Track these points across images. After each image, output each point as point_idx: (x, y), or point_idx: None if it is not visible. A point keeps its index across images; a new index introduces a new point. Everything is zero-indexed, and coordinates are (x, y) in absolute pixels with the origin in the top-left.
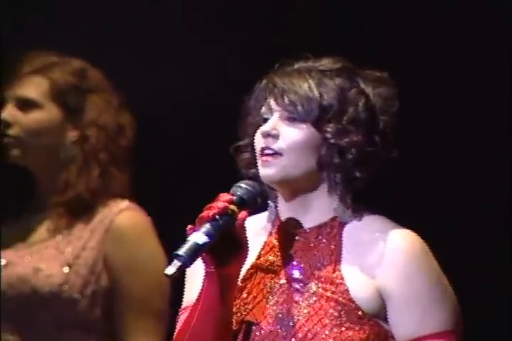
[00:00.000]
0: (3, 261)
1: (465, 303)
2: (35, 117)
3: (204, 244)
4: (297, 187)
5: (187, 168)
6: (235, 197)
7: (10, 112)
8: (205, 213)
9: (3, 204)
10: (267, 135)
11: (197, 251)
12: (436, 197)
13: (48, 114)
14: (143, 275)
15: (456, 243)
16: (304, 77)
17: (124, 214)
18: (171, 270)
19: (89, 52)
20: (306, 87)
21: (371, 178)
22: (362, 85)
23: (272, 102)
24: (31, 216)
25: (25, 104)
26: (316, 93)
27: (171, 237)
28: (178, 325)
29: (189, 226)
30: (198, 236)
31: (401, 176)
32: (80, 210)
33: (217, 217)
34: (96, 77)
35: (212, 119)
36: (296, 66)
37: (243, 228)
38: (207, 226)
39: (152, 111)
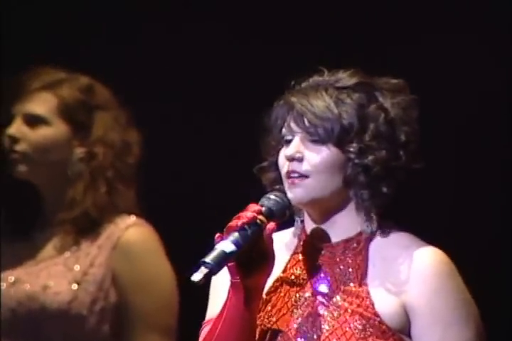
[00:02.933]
0: (12, 279)
1: (488, 321)
2: (42, 133)
3: (231, 252)
4: (325, 207)
5: (195, 183)
6: (263, 208)
7: (18, 128)
8: (233, 222)
9: (11, 221)
10: (291, 159)
11: (224, 259)
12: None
13: (55, 130)
14: (151, 292)
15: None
16: (322, 97)
17: (131, 230)
18: (197, 277)
19: None
20: (325, 107)
21: (398, 191)
22: (380, 99)
23: (293, 124)
24: (38, 233)
25: (33, 120)
26: (336, 113)
27: (178, 253)
28: (201, 337)
29: (217, 235)
30: (226, 245)
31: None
32: (87, 227)
33: (245, 226)
34: (104, 94)
35: None
36: (311, 82)
37: (271, 239)
38: (235, 235)
39: None
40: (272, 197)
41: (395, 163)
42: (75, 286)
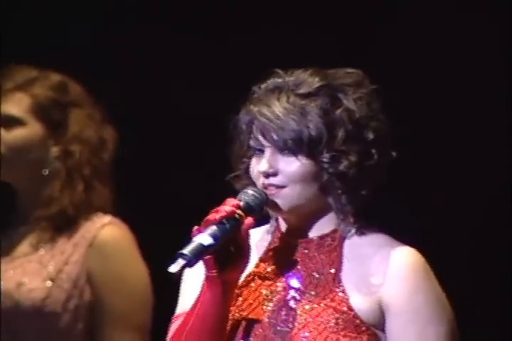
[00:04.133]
0: None
1: (461, 319)
2: (18, 134)
3: (209, 245)
4: (303, 214)
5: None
6: (241, 203)
7: None
8: (211, 216)
9: None
10: (266, 175)
11: (201, 251)
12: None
13: (30, 130)
14: (126, 290)
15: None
16: (285, 106)
17: (107, 229)
18: (174, 268)
19: None
20: (291, 119)
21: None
22: (344, 101)
23: (260, 138)
24: (14, 230)
25: (8, 121)
26: (303, 124)
27: (152, 252)
28: (171, 332)
29: (195, 228)
30: (204, 238)
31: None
32: (63, 224)
33: (224, 220)
34: (77, 90)
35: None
36: (270, 85)
37: (248, 234)
38: (213, 228)
39: None
40: (250, 192)
41: (368, 163)
42: (49, 284)
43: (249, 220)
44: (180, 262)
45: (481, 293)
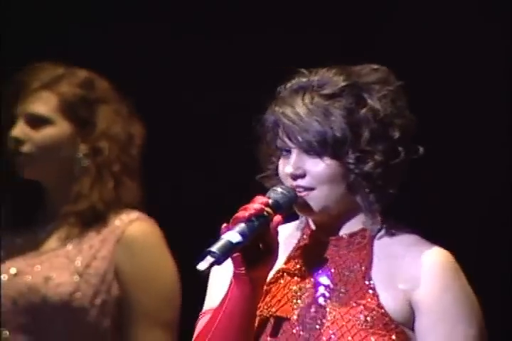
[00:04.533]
0: (14, 270)
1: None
2: (47, 133)
3: (238, 243)
4: (332, 214)
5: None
6: (270, 201)
7: (21, 129)
8: (240, 213)
9: (13, 213)
10: (294, 177)
11: (230, 249)
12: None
13: (59, 129)
14: (153, 286)
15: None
16: (309, 107)
17: (135, 225)
18: (203, 265)
19: None
20: (315, 120)
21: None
22: (368, 100)
23: (286, 139)
24: (43, 226)
25: (36, 121)
26: (327, 126)
27: (181, 247)
28: (198, 329)
29: (224, 225)
30: (232, 235)
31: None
32: (92, 220)
33: (252, 218)
34: (103, 86)
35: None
36: (295, 85)
37: (276, 232)
38: (241, 226)
39: None
40: (279, 189)
41: (394, 162)
42: (76, 278)
43: (277, 218)
44: (209, 259)
45: (481, 293)
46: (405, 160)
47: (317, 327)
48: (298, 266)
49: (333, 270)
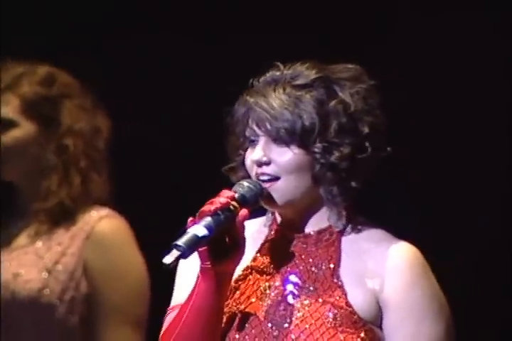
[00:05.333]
0: None
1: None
2: (13, 136)
3: (204, 236)
4: (297, 207)
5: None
6: (236, 194)
7: None
8: (206, 207)
9: None
10: (259, 164)
11: (196, 243)
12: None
13: (24, 130)
14: (122, 283)
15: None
16: (280, 97)
17: (104, 222)
18: (168, 259)
19: None
20: (285, 109)
21: (368, 181)
22: (340, 93)
23: (255, 127)
24: (12, 223)
25: (1, 124)
26: (296, 114)
27: (149, 244)
28: (166, 324)
29: (190, 219)
30: (198, 229)
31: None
32: (61, 217)
33: (218, 212)
34: (65, 81)
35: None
36: (268, 78)
37: (243, 226)
38: (207, 219)
39: None
40: (245, 184)
41: (361, 156)
42: (45, 275)
43: (243, 212)
44: (175, 253)
45: (481, 293)
46: (372, 157)
47: (286, 325)
48: (266, 263)
49: (301, 267)
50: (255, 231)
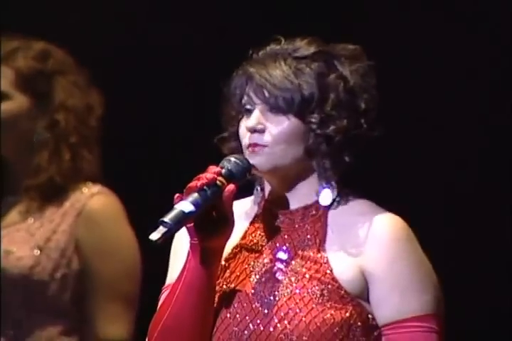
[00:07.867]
0: None
1: (447, 287)
2: (5, 108)
3: (190, 212)
4: (286, 175)
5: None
6: (223, 170)
7: None
8: (193, 183)
9: None
10: (253, 130)
11: (182, 219)
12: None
13: (16, 103)
14: (114, 260)
15: (436, 228)
16: (281, 67)
17: (96, 198)
18: (155, 236)
19: None
20: (285, 78)
21: (358, 158)
22: (339, 67)
23: (252, 95)
24: (4, 199)
25: None
26: (296, 83)
27: (141, 221)
28: (160, 302)
29: (176, 195)
30: (185, 205)
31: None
32: (52, 194)
33: (205, 187)
34: (60, 57)
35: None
36: (269, 51)
37: (230, 201)
38: (194, 195)
39: None
40: (232, 159)
41: (355, 132)
42: (37, 252)
43: (230, 187)
44: (161, 230)
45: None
46: (366, 134)
47: (275, 302)
48: (255, 241)
49: (288, 244)
50: (247, 209)
